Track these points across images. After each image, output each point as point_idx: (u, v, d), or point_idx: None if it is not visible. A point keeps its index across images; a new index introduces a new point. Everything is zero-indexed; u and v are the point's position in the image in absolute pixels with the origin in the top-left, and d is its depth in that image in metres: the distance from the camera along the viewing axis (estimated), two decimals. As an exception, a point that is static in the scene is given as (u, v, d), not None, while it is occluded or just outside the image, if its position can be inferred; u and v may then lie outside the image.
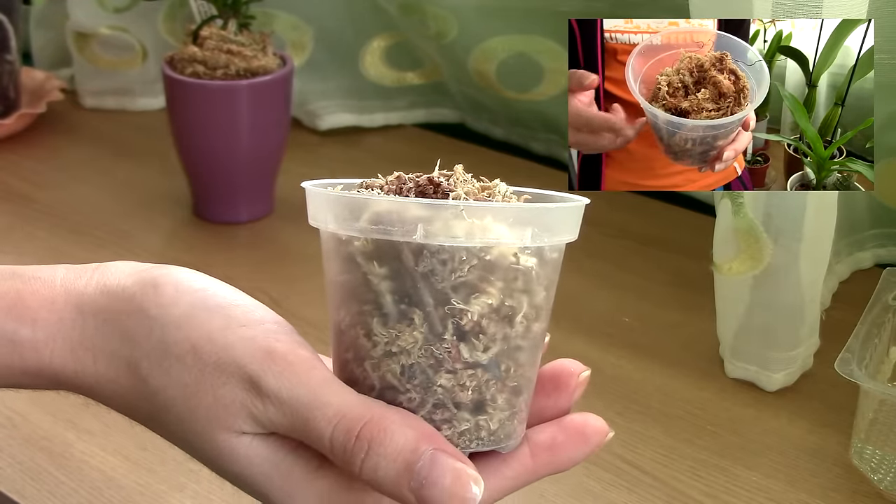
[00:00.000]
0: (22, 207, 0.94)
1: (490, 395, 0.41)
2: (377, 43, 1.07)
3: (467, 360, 0.40)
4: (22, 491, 0.61)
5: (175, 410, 0.42)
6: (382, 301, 0.40)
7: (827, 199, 0.65)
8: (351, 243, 0.40)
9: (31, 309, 0.44)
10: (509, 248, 0.40)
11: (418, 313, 0.39)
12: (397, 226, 0.39)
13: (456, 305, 0.39)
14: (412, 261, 0.39)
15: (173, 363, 0.42)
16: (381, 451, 0.39)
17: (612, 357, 0.74)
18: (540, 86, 1.00)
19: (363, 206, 0.40)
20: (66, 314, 0.44)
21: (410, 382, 0.40)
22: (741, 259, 0.67)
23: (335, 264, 0.42)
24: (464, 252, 0.39)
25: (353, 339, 0.41)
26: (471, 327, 0.40)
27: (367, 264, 0.40)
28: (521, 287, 0.40)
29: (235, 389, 0.41)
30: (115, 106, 1.14)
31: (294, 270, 0.85)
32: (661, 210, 0.95)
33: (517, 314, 0.40)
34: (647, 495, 0.62)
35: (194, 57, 0.87)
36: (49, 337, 0.44)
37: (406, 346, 0.40)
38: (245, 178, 0.91)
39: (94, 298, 0.44)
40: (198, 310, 0.42)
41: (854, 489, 0.62)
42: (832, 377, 0.61)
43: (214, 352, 0.41)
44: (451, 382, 0.40)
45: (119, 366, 0.43)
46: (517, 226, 0.40)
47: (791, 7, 0.59)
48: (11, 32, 1.05)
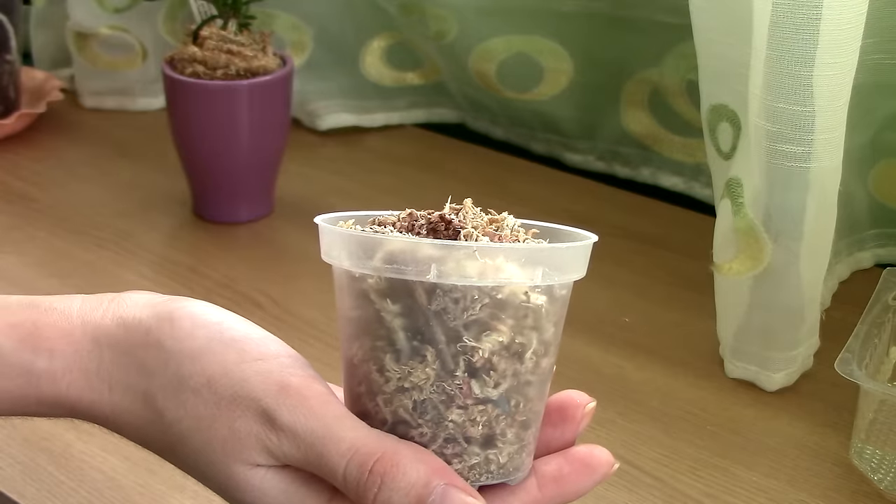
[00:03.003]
0: (22, 207, 0.94)
1: (500, 430, 0.41)
2: (377, 43, 1.07)
3: (478, 395, 0.41)
4: (22, 491, 0.61)
5: (190, 442, 0.42)
6: (395, 337, 0.41)
7: (827, 199, 0.65)
8: (364, 280, 0.41)
9: (49, 340, 0.44)
10: (520, 287, 0.40)
11: (431, 350, 0.40)
12: (411, 265, 0.40)
13: (468, 343, 0.40)
14: (425, 299, 0.40)
15: (189, 396, 0.42)
16: (394, 485, 0.40)
17: (612, 357, 0.74)
18: (540, 86, 1.00)
19: (377, 246, 0.40)
20: (83, 345, 0.44)
21: (422, 417, 0.41)
22: (741, 259, 0.67)
23: (348, 300, 0.42)
24: (476, 291, 0.40)
25: (366, 374, 0.42)
26: (482, 364, 0.40)
27: (380, 301, 0.41)
28: (531, 324, 0.41)
29: (250, 423, 0.41)
30: (115, 106, 1.14)
31: (294, 270, 0.85)
32: (661, 210, 0.95)
33: (527, 350, 0.41)
34: (647, 495, 0.62)
35: (194, 57, 0.87)
36: (66, 368, 0.44)
37: (418, 383, 0.41)
38: (245, 178, 0.91)
39: (111, 331, 0.44)
40: (214, 343, 0.43)
41: (854, 489, 0.62)
42: (832, 377, 0.61)
43: (230, 385, 0.42)
44: (462, 418, 0.41)
45: (135, 398, 0.43)
46: (528, 266, 0.40)
47: (791, 7, 0.59)
48: (11, 32, 1.05)
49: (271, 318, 0.77)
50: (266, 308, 0.79)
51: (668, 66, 0.93)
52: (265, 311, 0.79)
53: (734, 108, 0.68)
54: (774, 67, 0.61)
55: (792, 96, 0.61)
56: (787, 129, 0.62)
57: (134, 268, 0.85)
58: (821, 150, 0.62)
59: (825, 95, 0.61)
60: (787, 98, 0.61)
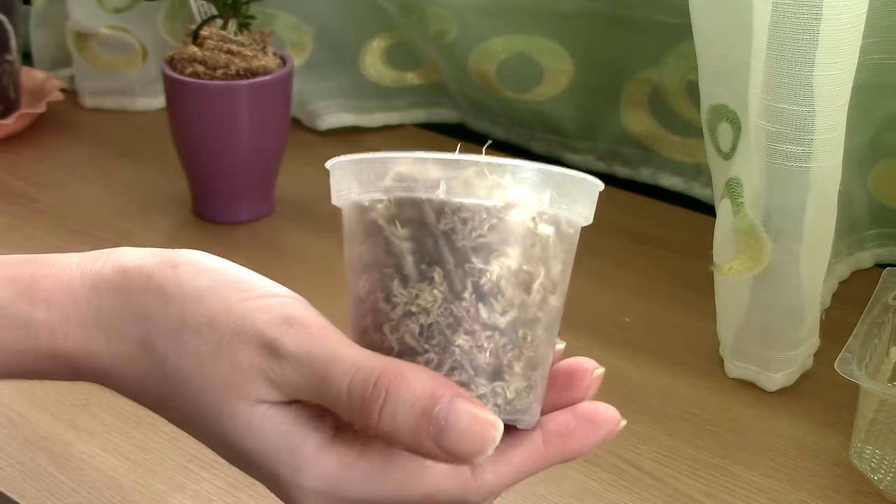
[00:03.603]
0: (22, 207, 0.94)
1: (507, 361, 0.41)
2: (377, 43, 1.07)
3: (485, 320, 0.40)
4: (22, 491, 0.61)
5: (190, 386, 0.42)
6: (403, 263, 0.40)
7: (827, 199, 0.65)
8: (373, 209, 0.41)
9: (46, 290, 0.44)
10: (528, 211, 0.41)
11: (439, 271, 0.40)
12: (420, 183, 0.40)
13: (476, 265, 0.40)
14: (434, 218, 0.40)
15: (190, 336, 0.42)
16: (398, 397, 0.39)
17: (612, 357, 0.74)
18: (540, 86, 1.00)
19: (388, 167, 0.41)
20: (82, 295, 0.44)
21: (429, 342, 0.40)
22: (741, 259, 0.67)
23: (357, 236, 0.42)
24: (484, 211, 0.40)
25: (373, 304, 0.41)
26: (489, 288, 0.40)
27: (388, 227, 0.41)
28: (539, 255, 0.41)
29: (252, 354, 0.41)
30: (115, 106, 1.14)
31: (294, 270, 0.85)
32: (661, 210, 0.95)
33: (534, 281, 0.41)
34: (647, 495, 0.62)
35: (194, 57, 0.87)
36: (63, 318, 0.43)
37: (426, 305, 0.40)
38: (245, 178, 0.91)
39: (110, 277, 0.44)
40: (216, 284, 0.43)
41: (854, 489, 0.62)
42: (832, 377, 0.61)
43: (231, 321, 0.41)
44: (469, 343, 0.40)
45: (133, 345, 0.43)
46: (537, 188, 0.41)
47: (791, 7, 0.59)
48: (11, 32, 1.05)
49: (271, 318, 0.77)
50: (266, 308, 0.79)
51: (668, 66, 0.93)
52: (265, 311, 0.78)
53: (734, 108, 0.68)
54: (774, 67, 0.61)
55: (792, 96, 0.61)
56: (787, 129, 0.62)
57: (134, 268, 0.85)
58: (821, 150, 0.62)
59: (825, 95, 0.61)
60: (787, 98, 0.61)
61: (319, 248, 0.88)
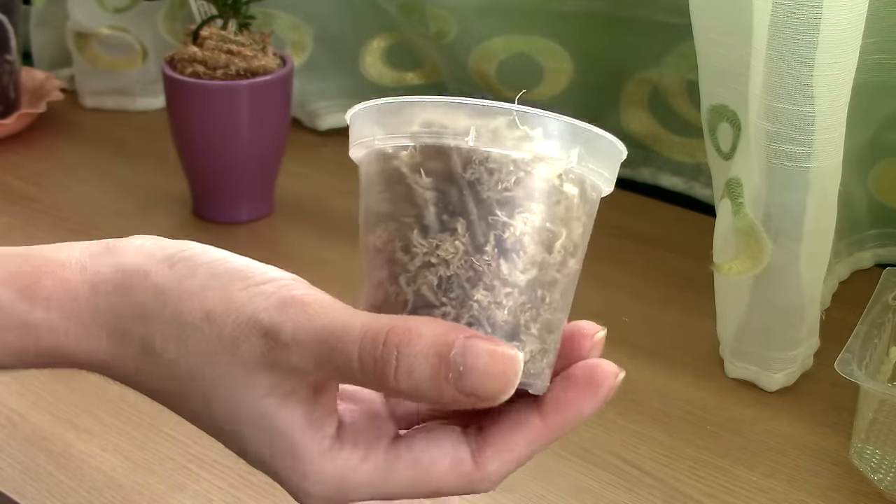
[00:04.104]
0: (22, 207, 0.94)
1: (524, 321, 0.40)
2: (377, 43, 1.07)
3: (506, 276, 0.39)
4: (22, 491, 0.61)
5: (196, 384, 0.41)
6: (425, 212, 0.39)
7: (827, 199, 0.65)
8: (397, 156, 0.40)
9: (46, 289, 0.44)
10: (555, 167, 0.40)
11: (462, 222, 0.39)
12: (449, 129, 0.39)
13: (500, 217, 0.39)
14: (460, 167, 0.39)
15: (189, 333, 0.41)
16: (411, 350, 0.37)
17: (612, 357, 0.73)
18: (540, 86, 1.00)
19: (415, 112, 0.39)
20: (81, 294, 0.43)
21: (447, 295, 0.39)
22: (741, 259, 0.67)
23: (376, 185, 0.41)
24: (511, 163, 0.39)
25: (390, 255, 0.40)
26: (512, 243, 0.39)
27: (412, 175, 0.39)
28: (563, 214, 0.40)
29: (254, 345, 0.40)
30: (115, 106, 1.14)
31: (294, 270, 0.85)
32: (661, 210, 0.95)
33: (556, 241, 0.40)
34: (647, 495, 0.62)
35: (194, 57, 0.87)
36: (63, 316, 0.43)
37: (446, 257, 0.39)
38: (245, 178, 0.91)
39: (109, 277, 0.44)
40: (213, 278, 0.42)
41: (854, 489, 0.62)
42: (832, 377, 0.61)
43: (229, 314, 0.41)
44: (488, 299, 0.39)
45: (133, 344, 0.43)
46: (566, 144, 0.40)
47: (791, 7, 0.59)
48: (11, 32, 1.05)
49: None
50: (266, 308, 0.79)
51: (668, 66, 0.93)
52: (265, 311, 0.78)
53: (734, 108, 0.68)
54: (774, 67, 0.61)
55: (792, 96, 0.61)
56: (787, 129, 0.62)
57: (134, 268, 0.85)
58: (821, 150, 0.62)
59: (825, 95, 0.61)
60: (787, 98, 0.61)
61: (319, 248, 0.88)
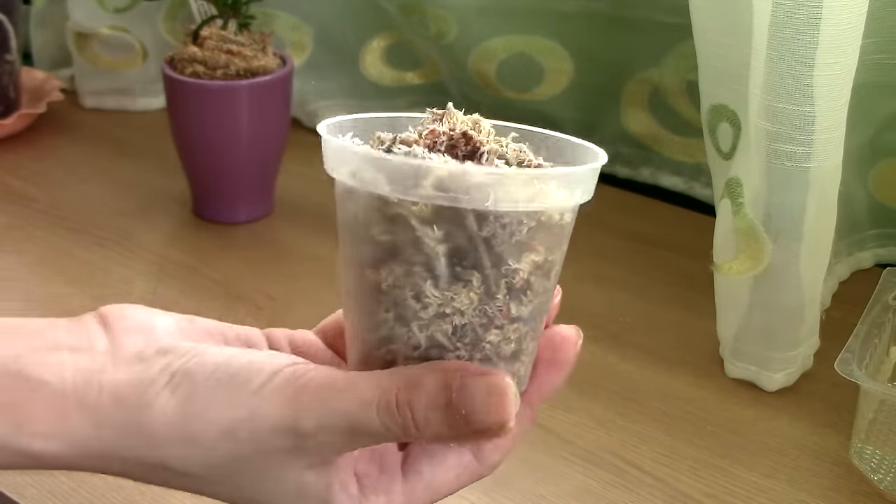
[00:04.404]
0: (22, 207, 0.94)
1: (525, 345, 0.42)
2: (377, 43, 1.07)
3: (514, 315, 0.41)
4: (22, 491, 0.61)
5: (226, 482, 0.43)
6: (436, 263, 0.40)
7: (827, 199, 0.65)
8: (403, 206, 0.40)
9: (45, 423, 0.43)
10: (561, 209, 0.41)
11: (477, 276, 0.40)
12: (465, 193, 0.39)
13: (511, 266, 0.40)
14: (475, 226, 0.39)
15: (209, 454, 0.42)
16: (421, 405, 0.40)
17: (613, 357, 0.74)
18: (540, 86, 1.00)
19: (425, 173, 0.39)
20: (83, 430, 0.43)
21: (461, 341, 0.41)
22: (741, 259, 0.67)
23: (377, 225, 0.41)
24: (524, 216, 0.40)
25: (398, 299, 0.41)
26: (521, 286, 0.41)
27: (422, 228, 0.39)
28: (559, 242, 0.42)
29: (280, 445, 0.41)
30: (115, 106, 1.14)
31: (294, 270, 0.85)
32: (661, 210, 0.95)
33: (554, 267, 0.42)
34: (647, 495, 0.62)
35: (194, 57, 0.87)
36: (68, 449, 0.43)
37: (461, 308, 0.40)
38: (245, 178, 0.91)
39: (111, 413, 0.43)
40: (216, 392, 0.42)
41: (854, 489, 0.62)
42: (832, 377, 0.61)
43: (245, 426, 0.41)
44: (499, 338, 0.41)
45: (149, 466, 0.43)
46: (572, 188, 0.41)
47: (791, 7, 0.59)
48: (11, 32, 1.05)
49: (271, 318, 0.77)
50: (266, 308, 0.79)
51: (668, 66, 0.93)
52: (265, 312, 0.79)
53: (734, 108, 0.68)
54: (774, 67, 0.61)
55: (792, 96, 0.61)
56: (787, 129, 0.62)
57: (134, 268, 0.85)
58: (821, 150, 0.62)
59: (825, 95, 0.61)
60: (787, 98, 0.61)
61: (319, 248, 0.88)
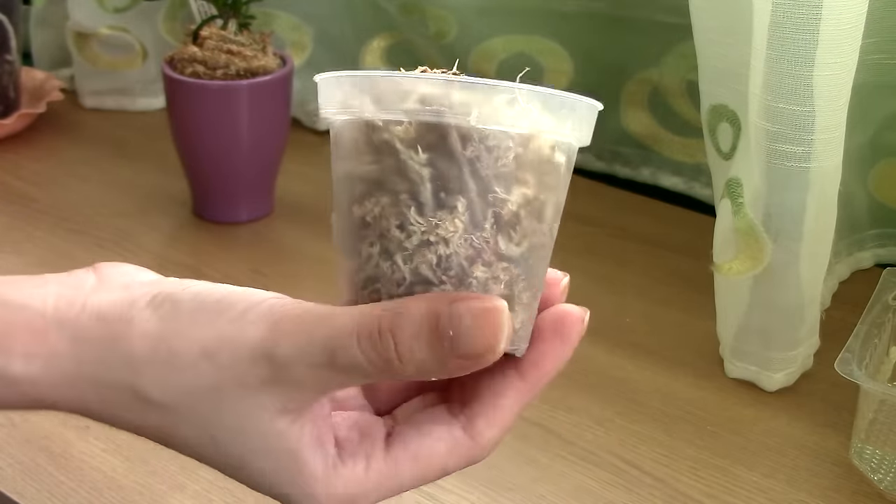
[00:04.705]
0: (22, 207, 0.94)
1: (517, 292, 0.40)
2: (377, 43, 1.07)
3: (503, 251, 0.39)
4: (22, 491, 0.61)
5: (197, 420, 0.41)
6: (420, 188, 0.38)
7: (827, 199, 0.65)
8: (387, 129, 0.39)
9: (22, 343, 0.42)
10: (549, 140, 0.39)
11: (462, 201, 0.38)
12: (449, 108, 0.38)
13: (498, 194, 0.39)
14: (460, 145, 0.38)
15: (187, 374, 0.41)
16: (405, 332, 0.38)
17: (613, 357, 0.74)
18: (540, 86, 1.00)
19: (411, 87, 0.38)
20: (61, 347, 0.42)
21: (446, 274, 0.39)
22: (741, 259, 0.67)
23: (363, 156, 0.40)
24: (509, 140, 0.39)
25: (383, 231, 0.39)
26: (509, 218, 0.39)
27: (406, 150, 0.38)
28: (552, 183, 0.40)
29: (257, 371, 0.40)
30: (115, 106, 1.14)
31: (294, 270, 0.85)
32: (661, 210, 0.95)
33: (545, 209, 0.40)
34: (647, 495, 0.62)
35: (194, 57, 0.87)
36: (44, 372, 0.42)
37: (445, 235, 0.39)
38: (245, 178, 0.91)
39: (89, 327, 0.42)
40: (200, 314, 0.42)
41: (854, 489, 0.62)
42: (832, 377, 0.61)
43: (224, 346, 0.40)
44: (486, 275, 0.39)
45: (122, 392, 0.42)
46: (560, 116, 0.39)
47: (791, 7, 0.59)
48: (11, 32, 1.05)
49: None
50: (266, 308, 0.79)
51: (668, 66, 0.93)
52: (265, 311, 0.78)
53: (734, 108, 0.68)
54: (774, 67, 0.61)
55: (792, 96, 0.61)
56: (787, 129, 0.62)
57: (134, 268, 0.85)
58: (821, 150, 0.62)
59: (825, 95, 0.61)
60: (787, 98, 0.61)
61: (319, 248, 0.88)
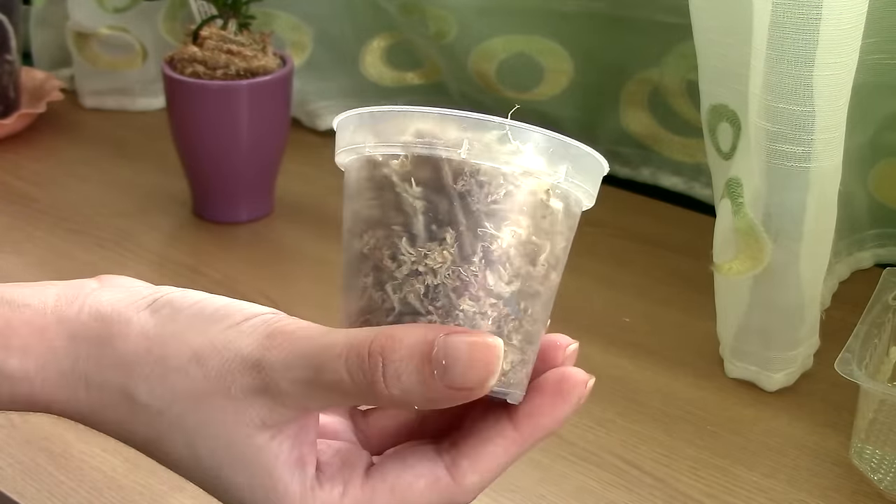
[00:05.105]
0: (22, 207, 0.94)
1: (507, 332, 0.41)
2: (377, 43, 1.07)
3: (491, 288, 0.40)
4: (22, 491, 0.61)
5: (180, 427, 0.41)
6: (413, 221, 0.40)
7: (827, 199, 0.65)
8: (387, 164, 0.41)
9: (21, 337, 0.43)
10: (543, 182, 0.40)
11: (451, 233, 0.40)
12: (441, 141, 0.40)
13: (488, 229, 0.40)
14: (451, 178, 0.40)
15: (176, 376, 0.41)
16: (395, 356, 0.38)
17: (613, 357, 0.74)
18: (540, 86, 1.00)
19: (409, 121, 0.41)
20: (58, 342, 0.43)
21: (433, 304, 0.40)
22: (741, 259, 0.67)
23: (365, 192, 0.41)
24: (501, 177, 0.40)
25: (377, 262, 0.41)
26: (498, 255, 0.40)
27: (402, 183, 0.40)
28: (547, 228, 0.41)
29: (244, 380, 0.40)
30: (115, 106, 1.14)
31: (294, 270, 0.85)
32: (661, 210, 0.95)
33: (540, 254, 0.41)
34: (647, 495, 0.62)
35: (194, 57, 0.87)
36: (39, 366, 0.43)
37: (434, 266, 0.40)
38: (245, 178, 0.91)
39: (87, 324, 0.43)
40: (195, 320, 0.42)
41: (854, 489, 0.62)
42: (832, 377, 0.61)
43: (216, 353, 0.41)
44: (473, 309, 0.40)
45: (113, 393, 0.42)
46: (554, 160, 0.41)
47: (791, 7, 0.59)
48: (11, 32, 1.05)
49: (271, 318, 0.77)
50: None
51: (668, 66, 0.93)
52: (265, 311, 0.78)
53: (734, 108, 0.68)
54: (774, 67, 0.61)
55: (792, 96, 0.61)
56: (787, 129, 0.62)
57: (134, 268, 0.85)
58: (821, 150, 0.62)
59: (825, 95, 0.61)
60: (787, 98, 0.61)
61: (319, 248, 0.88)
